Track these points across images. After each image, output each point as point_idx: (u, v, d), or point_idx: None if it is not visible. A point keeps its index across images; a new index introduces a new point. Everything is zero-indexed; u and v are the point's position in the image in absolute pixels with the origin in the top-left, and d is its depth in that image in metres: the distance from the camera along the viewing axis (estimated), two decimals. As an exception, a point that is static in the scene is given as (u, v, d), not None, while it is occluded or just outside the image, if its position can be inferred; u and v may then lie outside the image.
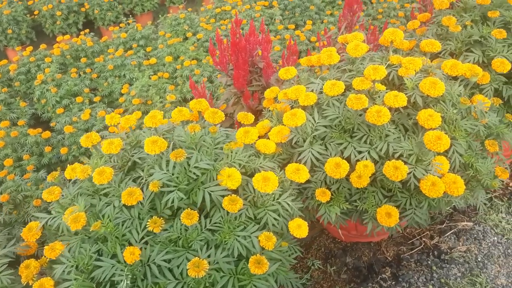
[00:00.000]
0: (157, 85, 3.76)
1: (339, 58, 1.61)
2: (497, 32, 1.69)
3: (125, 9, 5.62)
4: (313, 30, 4.55)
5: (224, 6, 4.94)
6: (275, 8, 4.78)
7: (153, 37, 4.67)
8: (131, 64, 4.02)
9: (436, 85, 1.41)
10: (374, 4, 4.87)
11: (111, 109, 3.72)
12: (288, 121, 1.41)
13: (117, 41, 4.48)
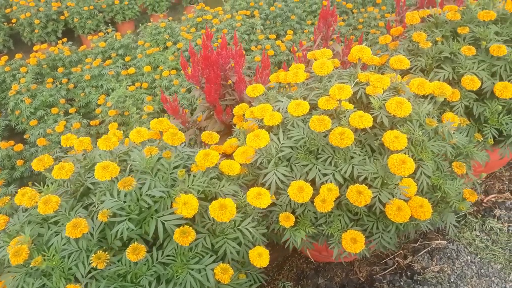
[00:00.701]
0: (135, 96, 3.67)
1: (306, 77, 1.56)
2: (466, 49, 1.66)
3: (106, 18, 5.52)
4: (294, 40, 4.52)
5: (205, 15, 4.89)
6: (256, 18, 4.74)
7: (132, 46, 4.58)
8: (108, 74, 3.93)
9: (402, 105, 1.36)
10: (355, 14, 4.87)
11: (87, 121, 3.62)
12: (251, 142, 1.35)
13: (96, 50, 4.39)
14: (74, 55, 4.32)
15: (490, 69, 1.70)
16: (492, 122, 1.66)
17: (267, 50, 4.23)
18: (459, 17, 1.78)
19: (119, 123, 3.48)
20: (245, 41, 4.51)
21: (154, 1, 5.73)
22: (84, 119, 3.70)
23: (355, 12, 4.96)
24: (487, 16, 1.73)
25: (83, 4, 5.29)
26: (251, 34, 4.60)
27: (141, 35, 4.85)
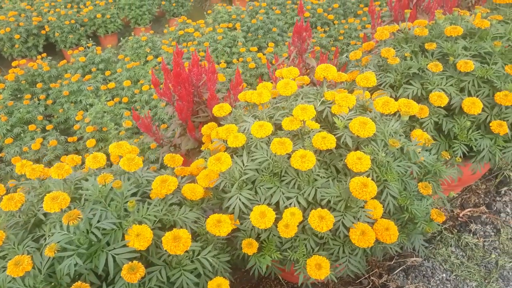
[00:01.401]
0: (113, 111, 3.61)
1: (274, 95, 1.52)
2: (433, 66, 1.64)
3: (88, 31, 5.47)
4: (276, 52, 4.50)
5: (187, 28, 4.86)
6: (238, 30, 4.73)
7: (113, 60, 4.53)
8: (87, 90, 3.86)
9: (366, 125, 1.33)
10: (336, 26, 4.88)
11: (65, 137, 3.54)
12: (213, 166, 1.30)
13: (76, 65, 4.32)
14: (53, 70, 4.25)
15: (458, 85, 1.68)
16: (461, 138, 1.63)
17: (248, 62, 4.21)
18: (426, 33, 1.77)
19: (97, 139, 3.41)
20: (227, 54, 4.49)
21: (137, 15, 5.70)
22: (63, 135, 3.62)
23: (336, 23, 4.98)
24: (454, 32, 1.71)
25: (64, 18, 5.23)
26: (233, 46, 4.58)
27: (123, 49, 4.81)
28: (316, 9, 5.06)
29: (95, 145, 3.37)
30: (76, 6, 5.64)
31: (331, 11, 5.19)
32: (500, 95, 1.57)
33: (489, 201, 2.05)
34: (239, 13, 5.14)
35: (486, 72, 1.63)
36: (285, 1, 5.42)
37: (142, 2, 5.70)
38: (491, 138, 1.64)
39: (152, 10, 5.82)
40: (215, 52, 4.49)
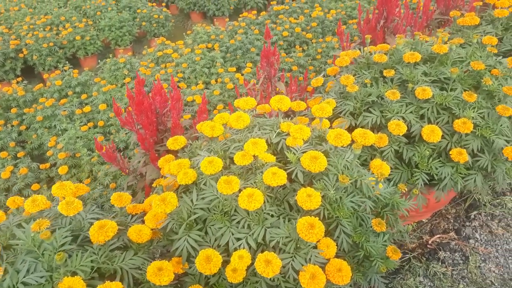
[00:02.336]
0: (87, 136, 3.53)
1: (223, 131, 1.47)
2: (390, 93, 1.61)
3: (67, 53, 5.42)
4: (254, 72, 4.49)
5: (166, 49, 4.84)
6: (216, 51, 4.72)
7: (90, 83, 4.47)
8: (62, 114, 3.79)
9: (317, 160, 1.28)
10: (314, 44, 4.90)
11: (37, 164, 3.45)
12: (157, 207, 1.23)
13: (52, 89, 4.25)
14: (29, 95, 4.17)
15: (418, 112, 1.65)
16: (422, 167, 1.59)
17: (226, 83, 4.18)
18: (385, 59, 1.74)
19: (70, 165, 3.32)
20: (205, 75, 4.46)
21: (117, 36, 5.67)
22: (36, 162, 3.53)
23: (314, 42, 5.00)
24: (413, 58, 1.69)
25: (42, 41, 5.18)
26: (211, 67, 4.56)
27: (101, 71, 4.76)
28: (294, 28, 5.08)
29: (67, 172, 3.29)
30: (56, 28, 5.60)
31: (309, 29, 5.22)
32: (458, 123, 1.54)
33: (458, 226, 2.01)
34: (218, 33, 5.14)
35: (445, 99, 1.61)
36: (264, 20, 5.45)
37: (122, 23, 5.69)
38: (453, 166, 1.60)
39: (133, 31, 5.81)
40: (193, 73, 4.46)
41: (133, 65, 4.65)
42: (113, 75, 4.55)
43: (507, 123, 1.62)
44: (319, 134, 1.53)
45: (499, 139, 1.56)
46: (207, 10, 6.53)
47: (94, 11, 6.01)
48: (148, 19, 5.99)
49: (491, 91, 1.67)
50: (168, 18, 6.19)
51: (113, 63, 4.57)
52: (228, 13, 6.54)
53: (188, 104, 3.98)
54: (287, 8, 5.69)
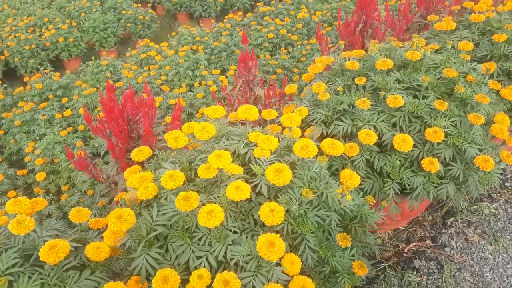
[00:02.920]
0: (66, 141, 3.45)
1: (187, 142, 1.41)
2: (360, 102, 1.56)
3: (50, 56, 5.32)
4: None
5: (150, 51, 4.76)
6: (200, 53, 4.65)
7: (72, 86, 4.38)
8: (41, 119, 3.70)
9: (281, 172, 1.24)
10: (299, 46, 4.86)
11: (14, 171, 3.36)
12: (113, 225, 1.18)
13: (33, 92, 4.15)
14: (8, 98, 4.07)
15: (390, 120, 1.61)
16: (393, 176, 1.56)
17: (210, 86, 4.12)
18: (357, 66, 1.70)
19: (48, 172, 3.24)
20: (189, 77, 4.39)
21: (101, 37, 5.57)
22: (15, 168, 3.44)
23: (299, 44, 4.95)
24: (384, 65, 1.65)
25: (24, 43, 5.08)
26: (195, 69, 4.49)
27: (83, 74, 4.67)
28: (280, 30, 5.03)
29: (45, 178, 3.21)
30: (39, 30, 5.49)
31: (295, 31, 5.18)
32: (430, 132, 1.51)
33: (434, 233, 1.98)
34: (203, 35, 5.08)
35: (417, 107, 1.57)
36: (250, 22, 5.40)
37: (107, 24, 5.59)
38: (425, 175, 1.57)
39: (117, 32, 5.72)
40: (177, 75, 4.39)
41: (116, 68, 4.57)
42: (95, 77, 4.47)
43: (480, 131, 1.59)
44: (288, 144, 1.48)
45: (471, 148, 1.53)
46: (194, 11, 6.46)
47: (79, 12, 5.91)
48: (133, 21, 5.90)
49: (464, 98, 1.64)
50: (154, 19, 6.10)
51: (95, 65, 4.49)
52: (214, 14, 6.47)
53: (171, 107, 3.92)
54: (273, 9, 5.64)
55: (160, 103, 3.85)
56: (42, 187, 3.16)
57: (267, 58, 4.61)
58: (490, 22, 2.07)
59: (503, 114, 1.76)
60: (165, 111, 3.87)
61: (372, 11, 2.51)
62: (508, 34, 1.95)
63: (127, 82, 4.22)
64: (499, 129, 1.57)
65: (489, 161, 1.49)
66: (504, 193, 2.17)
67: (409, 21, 2.85)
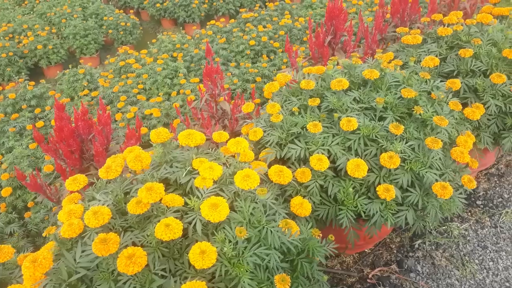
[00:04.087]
0: (35, 154, 3.32)
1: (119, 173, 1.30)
2: (311, 126, 1.46)
3: (28, 63, 5.19)
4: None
5: (128, 59, 4.64)
6: (180, 61, 4.54)
7: (47, 95, 4.25)
8: (10, 131, 3.57)
9: (217, 208, 1.13)
10: (280, 54, 4.76)
11: (-21, 186, 3.23)
12: (27, 270, 1.07)
13: (5, 102, 4.02)
14: (-21, 109, 3.94)
15: (345, 144, 1.51)
16: (348, 203, 1.45)
17: (188, 95, 4.01)
18: (312, 86, 1.60)
19: (14, 187, 3.12)
20: (168, 86, 4.28)
21: (81, 44, 5.45)
22: (-19, 182, 3.31)
23: (280, 51, 4.86)
24: (339, 85, 1.55)
25: (1, 50, 4.94)
26: (174, 78, 4.38)
27: (59, 83, 4.54)
28: (261, 37, 4.93)
29: (11, 194, 3.08)
30: (18, 37, 5.36)
31: (277, 38, 5.08)
32: (385, 157, 1.41)
33: (401, 257, 1.88)
34: (184, 41, 4.98)
35: (372, 130, 1.47)
36: (232, 28, 5.29)
37: (87, 31, 5.47)
38: (382, 202, 1.47)
39: (98, 39, 5.59)
40: (155, 84, 4.28)
41: (93, 76, 4.45)
42: (71, 86, 4.35)
43: (440, 155, 1.50)
44: (234, 171, 1.38)
45: (430, 173, 1.43)
46: (178, 17, 6.35)
47: (59, 19, 5.78)
48: (114, 27, 5.78)
49: (425, 119, 1.55)
50: (136, 26, 5.98)
51: (72, 74, 4.37)
52: (199, 20, 6.37)
53: (146, 117, 3.80)
54: (256, 15, 5.54)
55: (135, 113, 3.73)
56: (8, 204, 3.04)
57: (247, 66, 4.50)
58: (459, 35, 1.98)
59: (467, 135, 1.67)
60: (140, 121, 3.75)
61: (341, 22, 2.42)
62: (475, 49, 1.86)
63: (103, 91, 4.10)
64: (460, 153, 1.47)
65: (447, 188, 1.39)
66: (475, 212, 2.07)
67: (383, 31, 2.76)
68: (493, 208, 2.07)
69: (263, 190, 1.19)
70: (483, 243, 1.90)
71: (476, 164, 1.58)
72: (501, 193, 2.15)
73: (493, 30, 1.94)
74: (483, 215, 2.04)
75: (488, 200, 2.12)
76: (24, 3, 6.48)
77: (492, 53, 1.83)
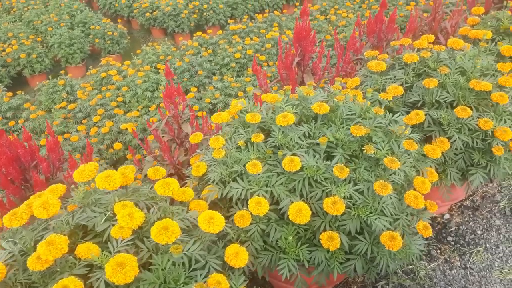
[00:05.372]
0: (2, 170, 3.21)
1: (26, 216, 1.17)
2: (250, 166, 1.32)
3: (11, 72, 5.10)
4: (199, 97, 4.21)
5: (110, 70, 4.54)
6: (162, 74, 4.44)
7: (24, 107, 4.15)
8: (-21, 145, 3.46)
9: (124, 267, 1.00)
10: (265, 67, 4.64)
11: None
12: None
13: (-20, 114, 3.93)
14: (-46, 121, 3.85)
15: (288, 184, 1.38)
16: (289, 251, 1.32)
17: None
18: (258, 120, 1.47)
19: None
20: (148, 99, 4.17)
21: (66, 53, 5.36)
22: None
23: (266, 64, 4.74)
24: (285, 121, 1.42)
25: (-17, 60, 4.86)
26: (155, 91, 4.28)
27: (39, 94, 4.44)
28: (247, 50, 4.82)
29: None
30: (2, 45, 5.27)
31: (264, 51, 4.97)
32: (328, 203, 1.27)
33: (360, 301, 1.74)
34: (169, 53, 4.87)
35: (317, 171, 1.34)
36: (218, 40, 5.19)
37: (73, 40, 5.38)
38: (328, 250, 1.33)
39: (84, 48, 5.50)
40: (135, 96, 4.17)
41: (74, 88, 4.35)
42: (50, 98, 4.24)
43: (393, 199, 1.36)
44: (161, 217, 1.25)
45: (380, 220, 1.30)
46: (167, 26, 6.26)
47: (46, 27, 5.70)
48: (101, 36, 5.70)
49: (378, 158, 1.42)
50: (123, 35, 5.90)
51: (51, 85, 4.27)
52: (188, 30, 6.27)
53: (122, 132, 3.69)
54: (244, 27, 5.44)
55: (110, 128, 3.62)
56: None
57: (229, 80, 4.39)
58: (427, 62, 1.85)
59: (430, 173, 1.54)
60: (115, 136, 3.64)
61: (309, 44, 2.29)
62: (441, 78, 1.73)
63: (81, 104, 3.99)
64: (414, 197, 1.34)
65: (396, 239, 1.25)
66: (445, 250, 1.93)
67: (358, 51, 2.64)
68: (464, 246, 1.93)
69: (178, 247, 1.06)
70: (450, 287, 1.76)
71: (435, 207, 1.45)
72: (474, 228, 2.01)
73: (463, 58, 1.81)
74: (453, 254, 1.90)
75: (460, 236, 1.98)
76: (13, 10, 6.41)
77: (460, 83, 1.70)
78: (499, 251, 1.85)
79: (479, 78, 1.76)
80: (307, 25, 2.25)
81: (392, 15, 2.62)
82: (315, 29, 5.37)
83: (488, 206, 2.12)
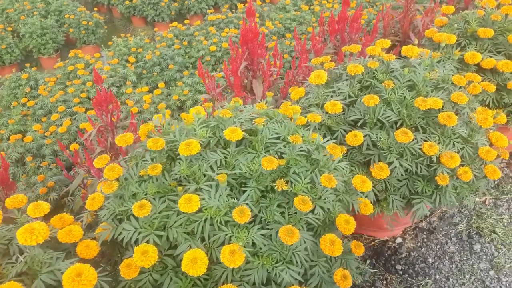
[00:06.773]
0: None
1: None
2: (137, 208, 1.13)
3: (-22, 64, 4.87)
4: (168, 93, 3.98)
5: (78, 63, 4.30)
6: (130, 67, 4.20)
7: (-15, 102, 3.94)
8: None
9: None
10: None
11: None
12: None
13: None
14: None
15: (188, 226, 1.17)
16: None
17: (131, 107, 3.68)
18: (162, 146, 1.26)
19: None
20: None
21: (38, 44, 5.11)
22: None
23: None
24: (188, 150, 1.20)
25: None
26: (121, 86, 4.05)
27: (2, 87, 4.23)
28: (222, 43, 4.56)
29: None
30: (-29, 35, 5.02)
31: (241, 43, 4.70)
32: (225, 252, 1.05)
33: None
34: (141, 45, 4.62)
35: (218, 212, 1.13)
36: (194, 31, 4.92)
37: (45, 30, 5.12)
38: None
39: (57, 38, 5.25)
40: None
41: (38, 82, 4.13)
42: (12, 93, 4.03)
43: (308, 243, 1.16)
44: (24, 269, 1.05)
45: (288, 271, 1.10)
46: (147, 15, 5.98)
47: (18, 16, 5.44)
48: (76, 25, 5.43)
49: (296, 193, 1.21)
50: (100, 25, 5.62)
51: (14, 79, 4.05)
52: (169, 19, 5.98)
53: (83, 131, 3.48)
54: (224, 17, 5.16)
55: (68, 128, 3.41)
56: None
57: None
58: (375, 73, 1.62)
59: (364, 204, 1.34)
60: (74, 135, 3.44)
61: (256, 46, 2.05)
62: (387, 94, 1.50)
63: (41, 100, 3.77)
64: (330, 243, 1.14)
65: (302, 297, 1.06)
66: (391, 282, 1.74)
67: (319, 53, 2.40)
68: (413, 276, 1.74)
69: None
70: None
71: (362, 250, 1.25)
72: (426, 256, 1.81)
73: (417, 68, 1.58)
74: (400, 286, 1.71)
75: (409, 264, 1.79)
76: (-14, -3, 6.12)
77: (406, 100, 1.48)
78: (448, 284, 1.66)
79: (431, 93, 1.53)
80: (254, 26, 2.00)
81: (355, 13, 2.36)
82: (297, 20, 5.09)
83: (445, 229, 1.92)
